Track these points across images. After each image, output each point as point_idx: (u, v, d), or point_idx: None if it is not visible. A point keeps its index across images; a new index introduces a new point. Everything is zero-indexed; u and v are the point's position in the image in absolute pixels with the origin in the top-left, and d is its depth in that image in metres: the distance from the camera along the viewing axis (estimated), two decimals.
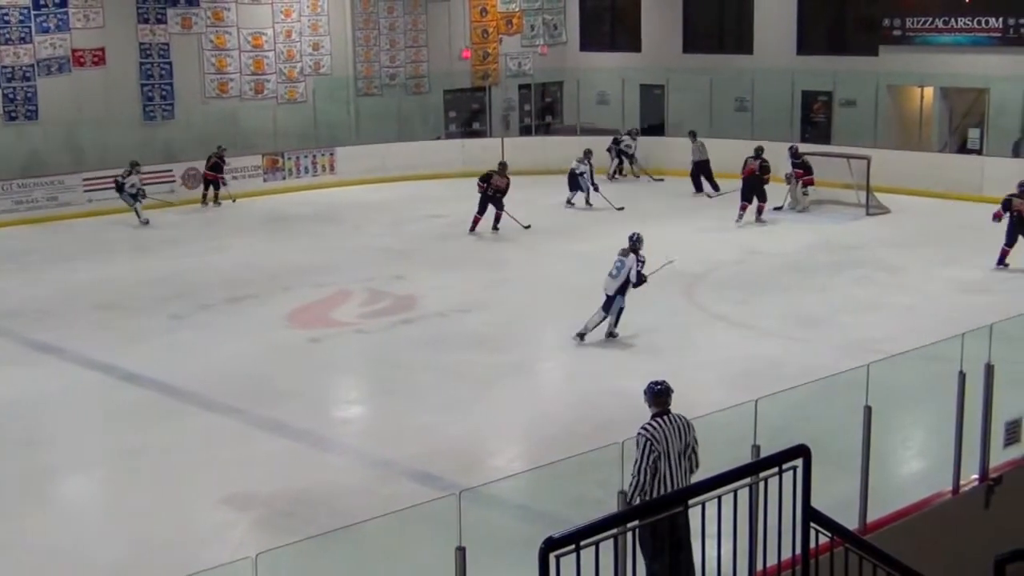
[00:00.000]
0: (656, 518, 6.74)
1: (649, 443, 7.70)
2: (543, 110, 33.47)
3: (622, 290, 14.82)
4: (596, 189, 24.52)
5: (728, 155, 25.27)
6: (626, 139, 28.51)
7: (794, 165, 23.62)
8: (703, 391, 12.08)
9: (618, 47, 32.81)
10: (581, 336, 14.88)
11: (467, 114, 32.38)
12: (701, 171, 26.28)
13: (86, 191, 25.47)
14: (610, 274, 14.86)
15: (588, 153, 24.91)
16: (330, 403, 13.68)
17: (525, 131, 32.21)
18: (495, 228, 22.20)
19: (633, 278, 14.74)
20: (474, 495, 6.57)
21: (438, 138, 31.22)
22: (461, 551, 6.02)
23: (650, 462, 7.67)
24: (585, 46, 33.25)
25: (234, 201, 25.80)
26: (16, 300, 17.98)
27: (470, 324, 16.25)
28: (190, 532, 9.90)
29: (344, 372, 15.06)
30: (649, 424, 7.81)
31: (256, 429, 12.46)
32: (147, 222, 23.68)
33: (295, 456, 11.78)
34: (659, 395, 7.96)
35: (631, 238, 15.04)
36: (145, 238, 22.68)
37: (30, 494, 10.94)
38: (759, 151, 23.01)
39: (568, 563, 5.60)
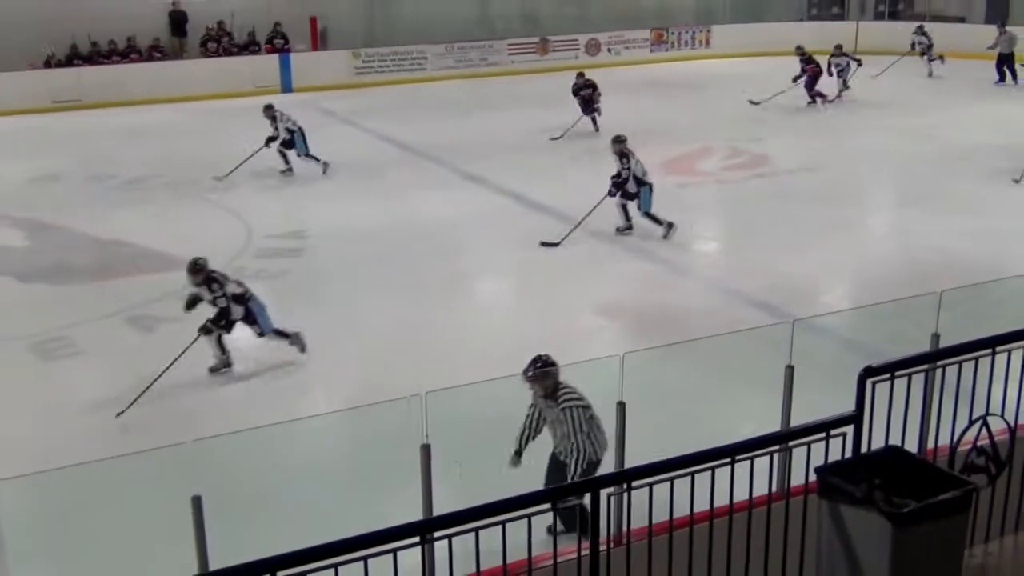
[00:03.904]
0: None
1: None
2: None
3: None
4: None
5: None
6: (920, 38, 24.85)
7: None
8: None
9: None
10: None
11: None
12: (1005, 62, 23.12)
13: (510, 54, 26.07)
14: None
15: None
16: (691, 238, 13.51)
17: (879, 16, 30.16)
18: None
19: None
20: (806, 324, 6.36)
21: (801, 20, 29.82)
22: (790, 369, 5.87)
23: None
24: None
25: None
26: (451, 138, 18.81)
27: (814, 182, 15.59)
28: (569, 332, 10.11)
29: (704, 214, 14.81)
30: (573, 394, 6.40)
31: (627, 252, 12.59)
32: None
33: (657, 278, 11.87)
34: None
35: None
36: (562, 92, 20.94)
37: (448, 294, 11.45)
38: None
39: (882, 390, 5.35)
